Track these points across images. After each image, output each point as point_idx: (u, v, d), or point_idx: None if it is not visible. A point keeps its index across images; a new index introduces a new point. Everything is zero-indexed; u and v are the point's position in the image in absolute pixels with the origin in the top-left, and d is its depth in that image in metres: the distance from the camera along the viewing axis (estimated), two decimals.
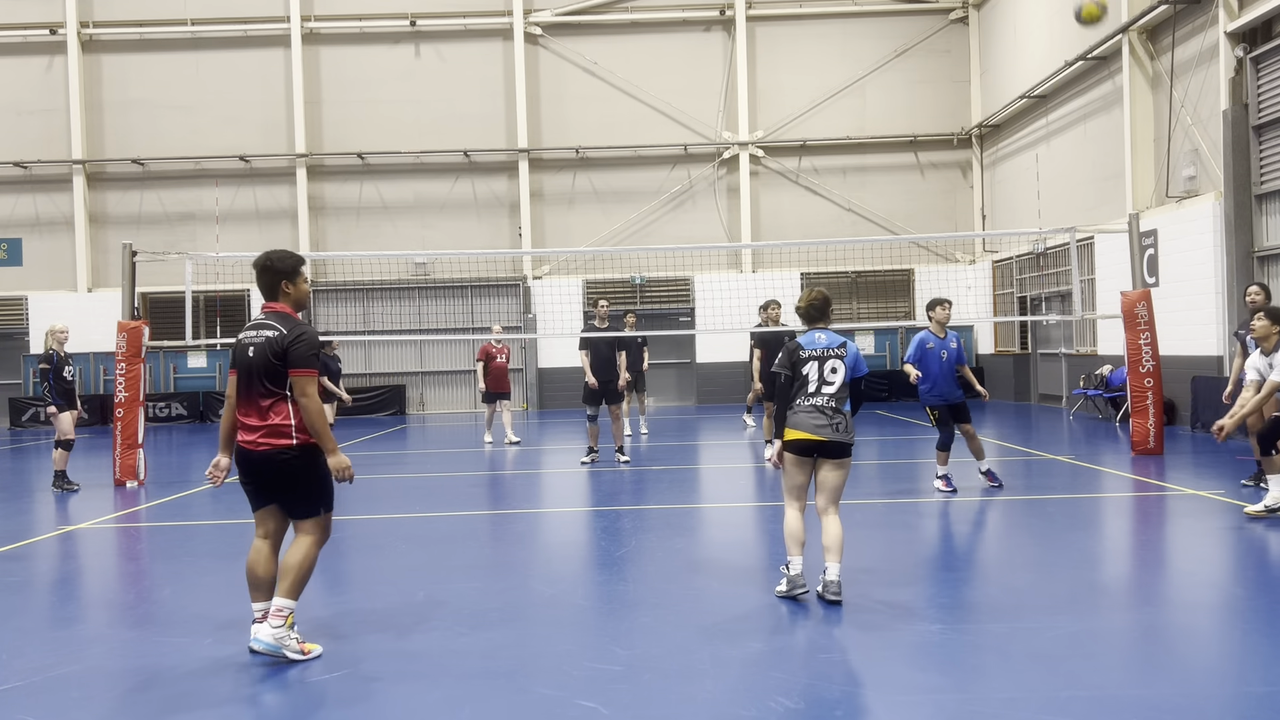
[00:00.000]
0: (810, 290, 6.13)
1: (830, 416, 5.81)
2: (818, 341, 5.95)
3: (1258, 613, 5.50)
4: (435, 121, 24.00)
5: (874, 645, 5.01)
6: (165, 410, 22.70)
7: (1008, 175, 22.69)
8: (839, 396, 5.85)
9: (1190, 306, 14.90)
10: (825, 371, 5.85)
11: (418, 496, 10.84)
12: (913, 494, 9.99)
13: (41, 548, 8.28)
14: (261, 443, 5.02)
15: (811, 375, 5.86)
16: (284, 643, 4.95)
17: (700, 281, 23.79)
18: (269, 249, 5.43)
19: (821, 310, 6.06)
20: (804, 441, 5.84)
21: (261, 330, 5.09)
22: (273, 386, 5.02)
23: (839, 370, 5.86)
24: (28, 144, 23.82)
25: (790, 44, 24.17)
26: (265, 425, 5.02)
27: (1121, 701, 4.17)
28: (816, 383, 5.84)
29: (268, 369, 5.01)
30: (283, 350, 5.01)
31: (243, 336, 5.16)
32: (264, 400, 5.03)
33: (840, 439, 5.82)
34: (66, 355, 11.66)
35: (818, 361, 5.88)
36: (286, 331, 5.05)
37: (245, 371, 5.08)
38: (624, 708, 4.24)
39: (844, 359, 5.88)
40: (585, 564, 7.26)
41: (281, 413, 5.04)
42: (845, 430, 5.84)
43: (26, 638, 5.56)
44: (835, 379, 5.85)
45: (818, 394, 5.83)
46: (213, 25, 24.03)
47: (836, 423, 5.81)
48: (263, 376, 5.01)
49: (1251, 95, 13.95)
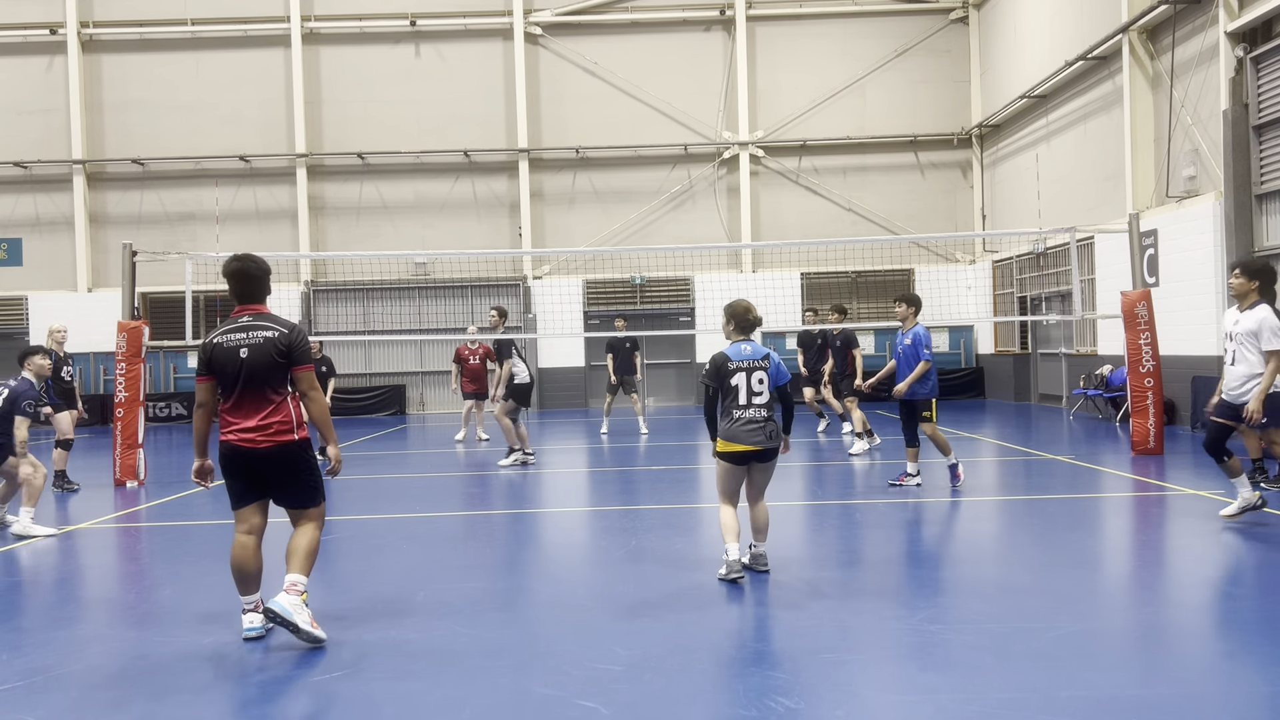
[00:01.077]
0: (741, 301, 6.50)
1: (763, 426, 6.23)
2: (744, 353, 6.32)
3: (1257, 612, 5.50)
4: (435, 121, 24.00)
5: (874, 645, 5.01)
6: (165, 410, 22.69)
7: (1008, 175, 22.69)
8: (769, 405, 6.26)
9: (1190, 306, 14.90)
10: (753, 382, 6.22)
11: (418, 496, 10.83)
12: (913, 494, 9.99)
13: (41, 548, 8.28)
14: (263, 440, 5.13)
15: (741, 386, 6.22)
16: (299, 611, 5.04)
17: (700, 281, 23.79)
18: (236, 253, 5.63)
19: (755, 322, 6.44)
20: (741, 453, 6.27)
21: (254, 331, 5.21)
22: (279, 384, 5.17)
23: (765, 381, 6.24)
24: (28, 144, 23.82)
25: (790, 44, 24.17)
26: (271, 422, 5.14)
27: (1121, 701, 4.17)
28: (746, 394, 6.21)
29: (273, 367, 5.14)
30: (287, 348, 5.17)
31: (224, 339, 5.23)
32: (274, 396, 5.17)
33: (773, 445, 6.29)
34: (66, 355, 11.68)
35: (745, 373, 6.24)
36: (288, 330, 5.23)
37: (236, 373, 5.17)
38: (624, 708, 4.24)
39: (768, 370, 6.28)
40: (585, 564, 7.27)
41: (285, 409, 5.19)
42: (775, 436, 6.29)
43: (26, 638, 5.56)
44: (763, 389, 6.23)
45: (749, 405, 6.21)
46: (213, 25, 24.03)
47: (770, 430, 6.25)
48: (266, 375, 5.15)
49: (1251, 95, 13.95)
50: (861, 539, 7.85)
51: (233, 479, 5.30)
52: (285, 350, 5.17)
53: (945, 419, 17.82)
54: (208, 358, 5.26)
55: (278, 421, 5.14)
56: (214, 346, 5.25)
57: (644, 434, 16.47)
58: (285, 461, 5.17)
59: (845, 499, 9.78)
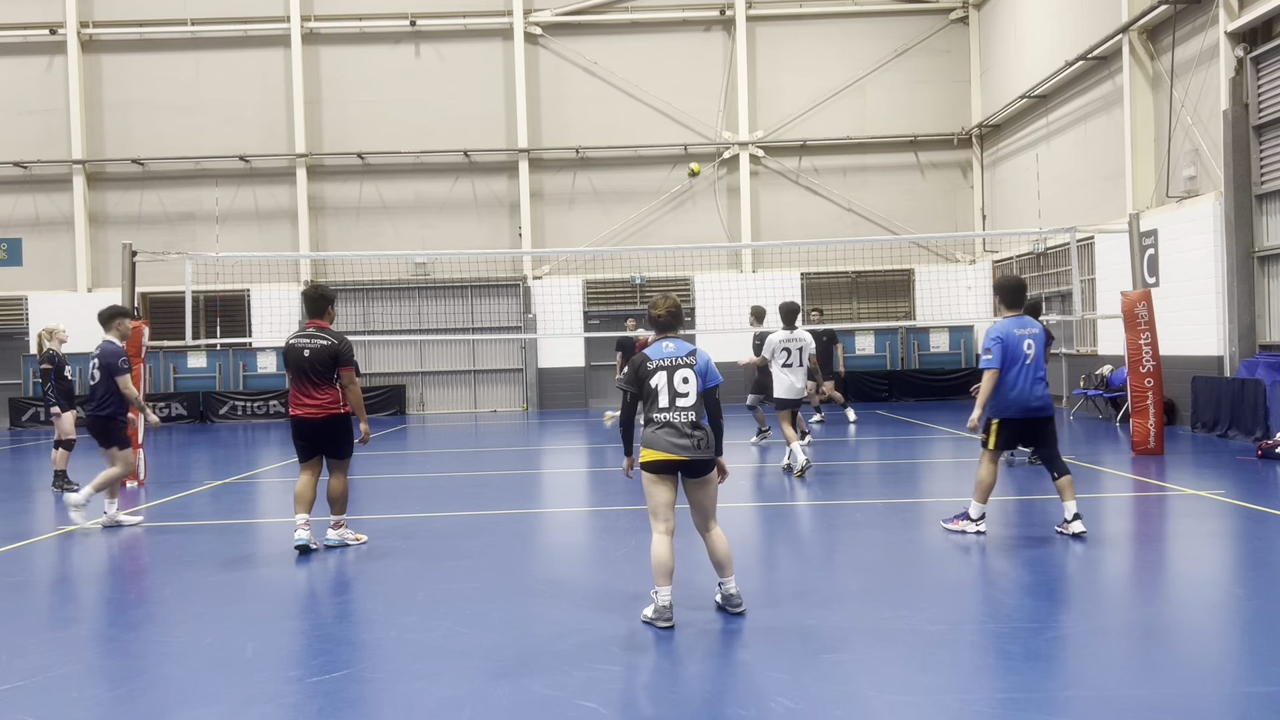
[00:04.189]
0: (665, 297, 5.71)
1: (689, 433, 5.41)
2: (665, 351, 5.54)
3: (1258, 613, 5.50)
4: (435, 121, 23.99)
5: (874, 645, 5.01)
6: (165, 410, 22.68)
7: (1008, 175, 22.69)
8: (696, 409, 5.46)
9: (1191, 306, 14.90)
10: (676, 382, 5.45)
11: (418, 496, 10.83)
12: (913, 494, 10.00)
13: (41, 548, 8.28)
14: (320, 411, 7.62)
15: (661, 386, 5.46)
16: (345, 538, 7.78)
17: (700, 281, 23.79)
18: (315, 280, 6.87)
19: (676, 318, 5.67)
20: (663, 461, 5.44)
21: (315, 339, 7.59)
22: (329, 376, 7.58)
23: (690, 380, 5.46)
24: (28, 144, 23.82)
25: (790, 44, 24.17)
26: (326, 399, 7.61)
27: (1121, 701, 4.17)
28: (668, 395, 5.44)
29: (325, 365, 7.56)
30: (335, 354, 7.58)
31: (295, 342, 7.63)
32: (325, 384, 7.59)
33: (703, 456, 5.43)
34: (64, 355, 11.69)
35: (666, 372, 5.48)
36: (338, 341, 7.62)
37: (299, 367, 7.56)
38: (624, 708, 4.24)
39: (694, 367, 5.49)
40: (585, 564, 7.27)
41: (334, 393, 7.64)
42: (707, 446, 5.44)
43: (26, 638, 5.56)
44: (688, 389, 5.45)
45: (671, 408, 5.43)
46: (213, 25, 24.02)
47: (697, 438, 5.41)
48: (319, 370, 7.54)
49: (1251, 95, 13.95)
50: (862, 539, 7.85)
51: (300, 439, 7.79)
52: (334, 355, 7.59)
53: (945, 419, 17.84)
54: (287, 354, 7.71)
55: (331, 400, 7.64)
56: (289, 347, 7.66)
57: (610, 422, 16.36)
58: (334, 427, 7.69)
59: (845, 499, 9.77)
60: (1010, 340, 7.34)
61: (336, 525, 7.79)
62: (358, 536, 7.88)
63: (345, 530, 7.82)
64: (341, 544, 7.73)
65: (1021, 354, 7.34)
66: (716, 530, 5.58)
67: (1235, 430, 13.38)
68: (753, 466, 12.18)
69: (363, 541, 7.84)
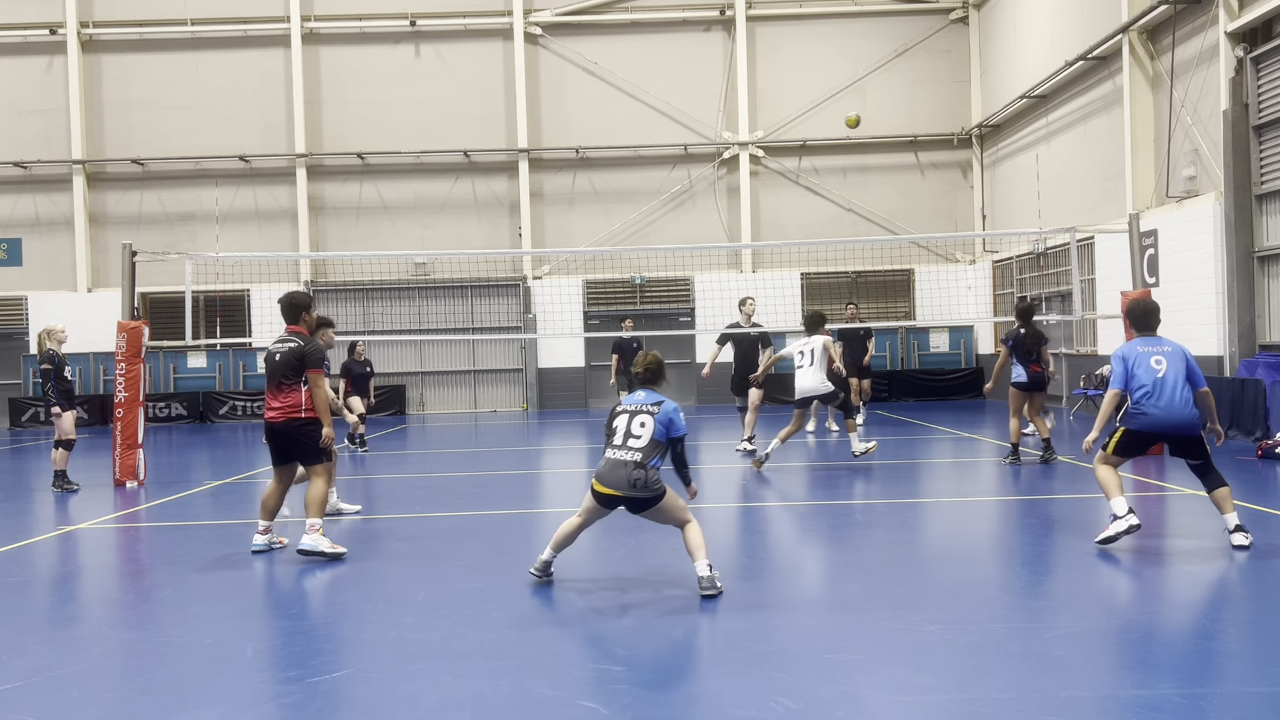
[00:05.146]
0: (646, 354, 6.25)
1: (629, 470, 5.86)
2: (635, 398, 6.10)
3: (1257, 612, 5.50)
4: (435, 121, 23.99)
5: (874, 645, 5.01)
6: (165, 410, 22.70)
7: (1008, 175, 22.69)
8: (646, 451, 5.88)
9: (1191, 306, 14.90)
10: (634, 425, 5.94)
11: (418, 496, 10.84)
12: (914, 494, 10.00)
13: (41, 548, 8.28)
14: (280, 415, 7.42)
15: (620, 428, 5.99)
16: (319, 545, 7.20)
17: (700, 281, 23.79)
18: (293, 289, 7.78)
19: (657, 375, 6.18)
20: (602, 494, 5.97)
21: (285, 343, 7.48)
22: (294, 380, 7.39)
23: (647, 425, 5.92)
24: (28, 144, 23.82)
25: (790, 44, 24.18)
26: (286, 404, 7.40)
27: (1121, 701, 4.17)
28: (623, 435, 5.95)
29: (292, 368, 7.39)
30: (301, 355, 7.41)
31: (270, 347, 7.60)
32: (290, 388, 7.40)
33: (640, 495, 5.88)
34: (64, 355, 11.68)
35: (629, 415, 6.00)
36: (305, 343, 7.49)
37: (269, 371, 7.46)
38: (624, 708, 4.24)
39: (655, 415, 5.95)
40: (585, 564, 7.26)
41: (296, 397, 7.41)
42: (645, 486, 5.87)
43: (26, 638, 5.56)
44: (643, 433, 5.91)
45: (623, 446, 5.92)
46: (213, 25, 24.03)
47: (636, 478, 5.85)
48: (284, 373, 7.38)
49: (1251, 95, 13.95)
50: (862, 539, 7.85)
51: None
52: (300, 355, 7.43)
53: (945, 419, 17.84)
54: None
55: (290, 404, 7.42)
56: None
57: None
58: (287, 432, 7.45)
59: (845, 499, 9.78)
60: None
61: (311, 528, 7.30)
62: (335, 547, 7.29)
63: (320, 537, 7.25)
64: (315, 550, 7.19)
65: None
66: (687, 529, 6.04)
67: (1235, 430, 13.37)
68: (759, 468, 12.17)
69: (339, 556, 7.25)
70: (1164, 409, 7.01)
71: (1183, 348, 7.25)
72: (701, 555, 5.91)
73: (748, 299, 13.50)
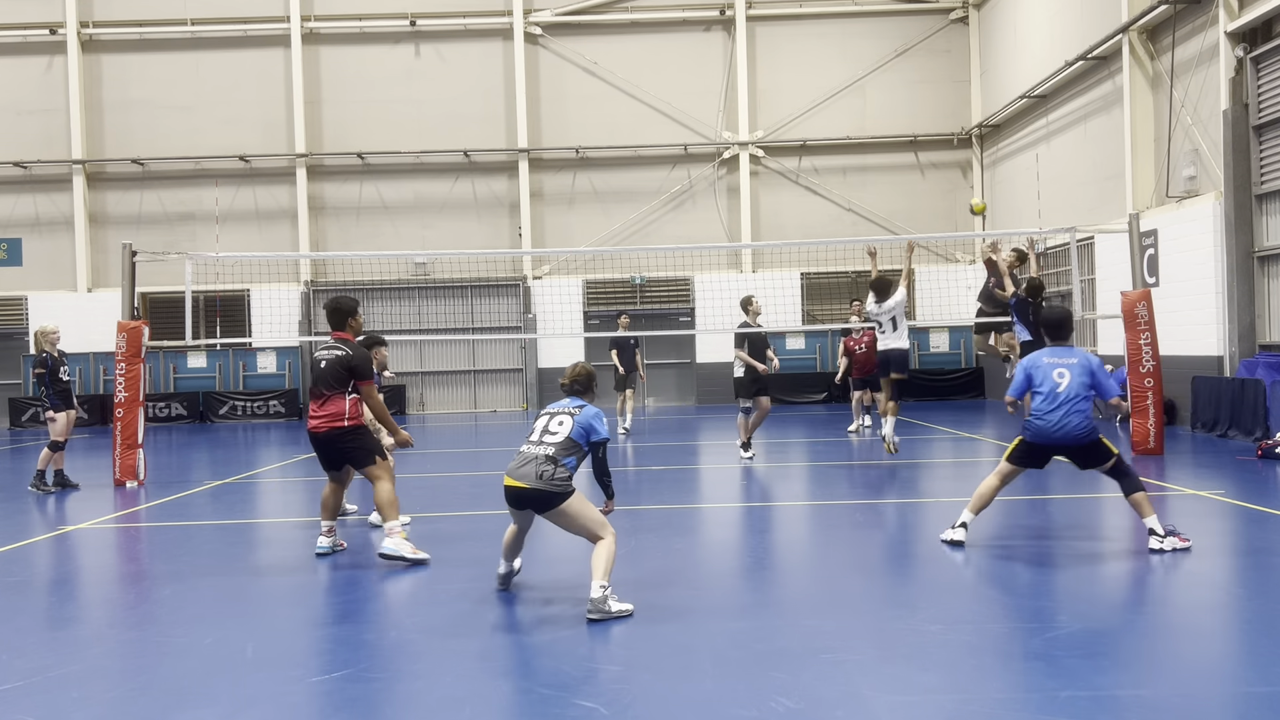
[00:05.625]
0: (574, 366, 6.18)
1: (536, 463, 5.70)
2: (561, 402, 6.04)
3: (1258, 613, 5.50)
4: (435, 121, 23.99)
5: (874, 645, 5.01)
6: (165, 410, 22.70)
7: (1008, 175, 22.69)
8: (560, 448, 5.72)
9: (1190, 306, 14.90)
10: (552, 424, 5.87)
11: (418, 496, 10.82)
12: (914, 494, 10.00)
13: (41, 548, 8.28)
14: (323, 424, 7.20)
15: (538, 426, 5.92)
16: (400, 549, 6.97)
17: (700, 281, 23.79)
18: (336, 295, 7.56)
19: (585, 385, 6.07)
20: (509, 489, 5.80)
21: (333, 350, 7.27)
22: (339, 389, 7.18)
23: (565, 424, 5.82)
24: (28, 144, 23.81)
25: (790, 44, 24.17)
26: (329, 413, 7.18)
27: (1121, 701, 4.17)
28: (539, 433, 5.86)
29: (337, 377, 7.16)
30: (349, 366, 7.18)
31: (317, 354, 7.41)
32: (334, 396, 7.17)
33: (542, 487, 5.64)
34: (61, 355, 11.66)
35: (550, 416, 5.94)
36: (353, 352, 7.26)
37: (314, 378, 7.25)
38: (624, 708, 4.24)
39: (574, 417, 5.84)
40: (584, 564, 7.25)
41: (340, 406, 7.19)
42: (551, 479, 5.64)
43: (26, 638, 5.56)
44: (559, 430, 5.80)
45: (539, 443, 5.80)
46: (213, 25, 24.02)
47: (543, 470, 5.66)
48: (329, 382, 7.17)
49: (1251, 95, 13.94)
50: (861, 540, 7.85)
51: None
52: (348, 366, 7.22)
53: (945, 419, 17.83)
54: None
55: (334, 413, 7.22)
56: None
57: (625, 430, 16.09)
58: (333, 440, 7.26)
59: (845, 499, 9.78)
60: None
61: (390, 532, 7.06)
62: (416, 552, 7.02)
63: (402, 541, 7.03)
64: (397, 555, 6.96)
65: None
66: (599, 545, 5.71)
67: (1235, 430, 13.38)
68: (760, 467, 12.18)
69: (422, 561, 6.99)
70: (1057, 423, 6.95)
71: (1092, 359, 7.14)
72: (600, 575, 5.58)
73: (752, 298, 13.12)
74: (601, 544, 5.68)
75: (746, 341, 12.64)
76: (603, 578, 5.56)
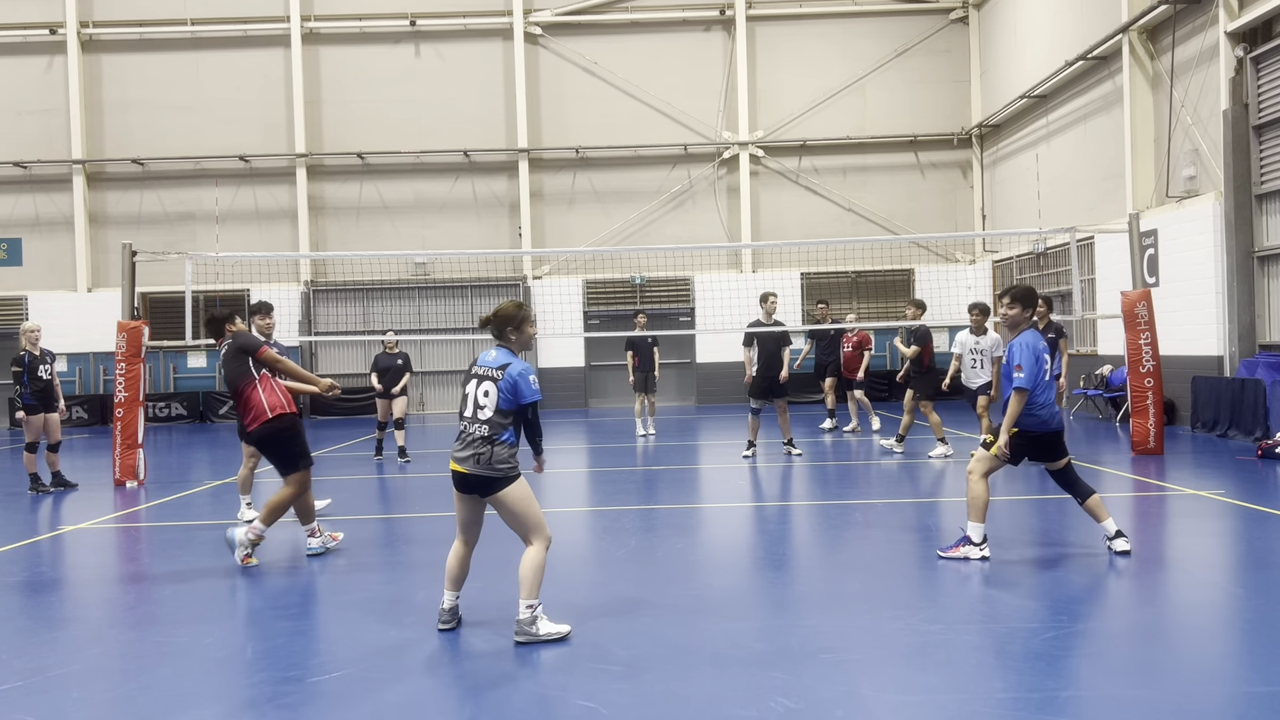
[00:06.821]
0: (505, 302, 5.57)
1: (475, 446, 5.22)
2: (487, 359, 5.39)
3: (1258, 613, 5.50)
4: (435, 121, 23.98)
5: (873, 645, 5.01)
6: (165, 410, 22.69)
7: (1008, 175, 22.69)
8: (493, 424, 5.22)
9: (1190, 306, 14.90)
10: (478, 394, 5.28)
11: (418, 496, 10.83)
12: (914, 494, 10.00)
13: (41, 547, 8.28)
14: (252, 423, 7.43)
15: (468, 395, 5.34)
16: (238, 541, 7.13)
17: (700, 281, 23.78)
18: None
19: (503, 323, 5.42)
20: (454, 473, 5.34)
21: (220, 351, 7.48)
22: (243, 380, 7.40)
23: (490, 395, 5.24)
24: (28, 144, 23.81)
25: (790, 44, 24.17)
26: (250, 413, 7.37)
27: (1121, 701, 4.17)
28: (472, 406, 5.30)
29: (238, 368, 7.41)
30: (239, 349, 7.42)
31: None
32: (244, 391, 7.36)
33: (482, 472, 5.20)
34: (43, 353, 11.67)
35: (476, 381, 5.33)
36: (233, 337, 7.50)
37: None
38: (624, 708, 4.24)
39: (498, 382, 5.24)
40: (585, 564, 7.26)
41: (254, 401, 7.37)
42: (489, 462, 5.19)
43: (26, 638, 5.56)
44: (486, 403, 5.24)
45: (473, 419, 5.28)
46: (213, 25, 24.02)
47: (480, 454, 5.19)
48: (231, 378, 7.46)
49: (1251, 95, 13.95)
50: (860, 539, 7.85)
51: None
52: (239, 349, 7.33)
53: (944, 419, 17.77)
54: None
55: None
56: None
57: (648, 434, 16.18)
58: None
59: (845, 499, 9.77)
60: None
61: (248, 529, 7.16)
62: (333, 535, 7.69)
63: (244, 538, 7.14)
64: (233, 545, 7.16)
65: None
66: (529, 550, 5.28)
67: (1235, 430, 13.38)
68: (760, 467, 12.18)
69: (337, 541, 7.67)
70: (1050, 407, 6.85)
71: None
72: (527, 592, 5.15)
73: (770, 295, 12.92)
74: (531, 552, 5.24)
75: (756, 341, 12.61)
76: (530, 595, 5.15)
